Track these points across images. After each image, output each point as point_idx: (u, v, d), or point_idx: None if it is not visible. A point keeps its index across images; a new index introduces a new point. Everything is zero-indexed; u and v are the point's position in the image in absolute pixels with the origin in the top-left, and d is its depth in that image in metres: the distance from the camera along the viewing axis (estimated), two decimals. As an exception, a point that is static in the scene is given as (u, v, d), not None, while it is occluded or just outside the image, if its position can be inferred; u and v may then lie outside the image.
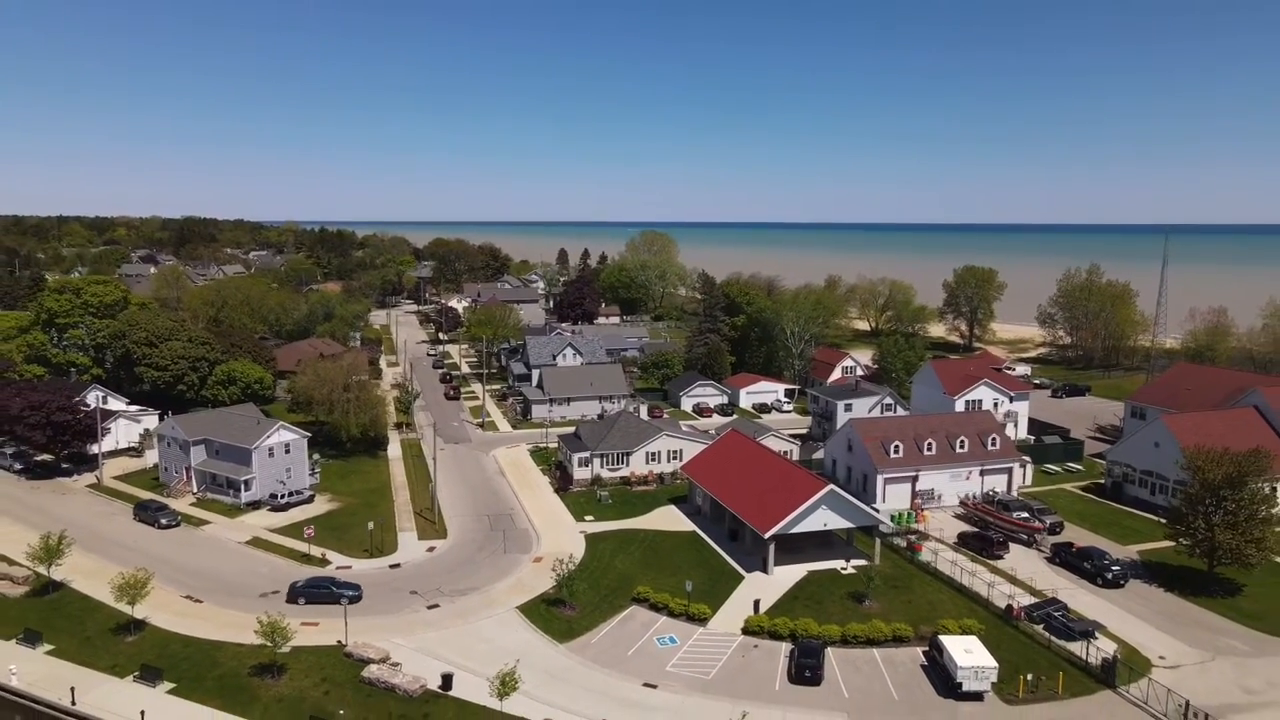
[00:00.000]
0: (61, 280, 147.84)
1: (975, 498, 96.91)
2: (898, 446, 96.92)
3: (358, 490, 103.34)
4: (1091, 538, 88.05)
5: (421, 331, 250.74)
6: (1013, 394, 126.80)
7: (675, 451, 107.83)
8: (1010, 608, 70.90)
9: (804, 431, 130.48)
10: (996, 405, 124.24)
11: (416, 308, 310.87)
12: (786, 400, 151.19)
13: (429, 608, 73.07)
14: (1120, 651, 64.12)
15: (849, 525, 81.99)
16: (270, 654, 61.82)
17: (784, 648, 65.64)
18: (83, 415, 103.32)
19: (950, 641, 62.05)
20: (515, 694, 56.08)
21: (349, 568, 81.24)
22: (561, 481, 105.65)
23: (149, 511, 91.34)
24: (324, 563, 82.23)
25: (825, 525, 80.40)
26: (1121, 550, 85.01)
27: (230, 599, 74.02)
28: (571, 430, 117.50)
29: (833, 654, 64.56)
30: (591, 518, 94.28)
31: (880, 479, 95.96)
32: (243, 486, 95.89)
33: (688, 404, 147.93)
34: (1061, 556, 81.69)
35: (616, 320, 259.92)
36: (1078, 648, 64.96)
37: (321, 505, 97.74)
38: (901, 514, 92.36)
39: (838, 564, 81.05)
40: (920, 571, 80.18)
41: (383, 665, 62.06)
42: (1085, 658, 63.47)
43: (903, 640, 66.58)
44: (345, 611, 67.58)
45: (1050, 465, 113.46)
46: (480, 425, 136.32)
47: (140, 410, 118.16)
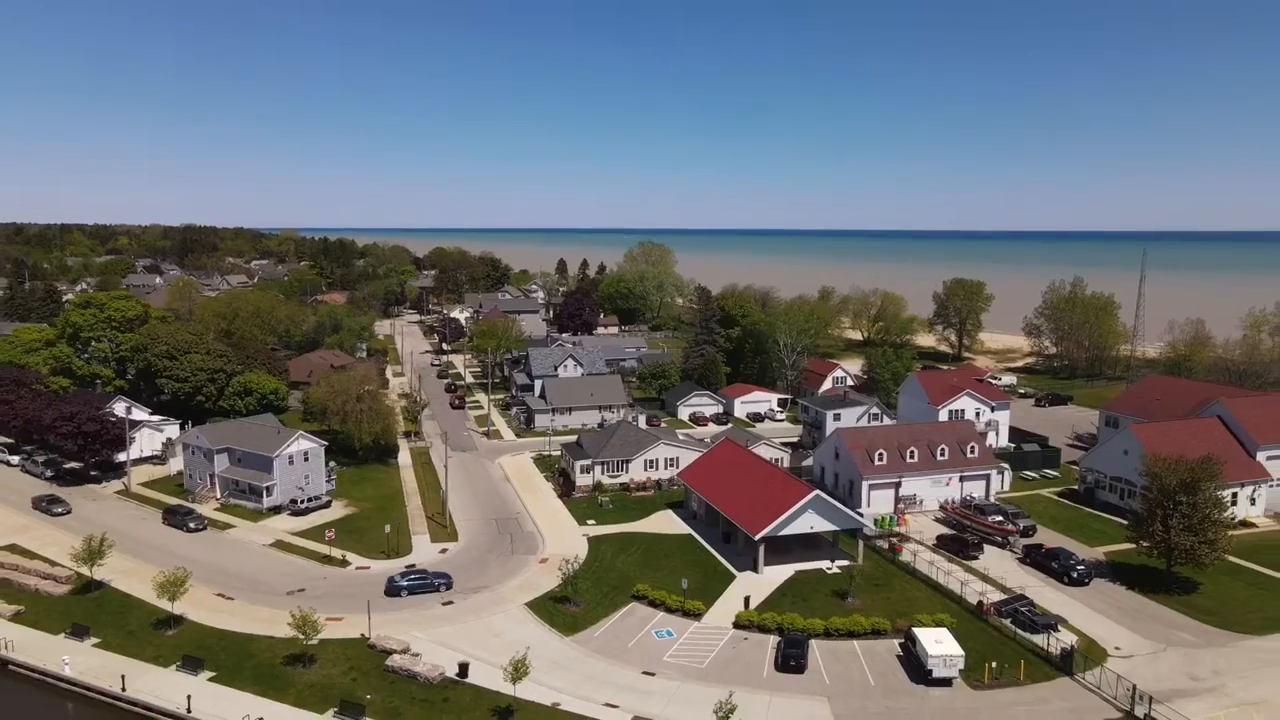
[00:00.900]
0: (85, 296, 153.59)
1: (954, 502, 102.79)
2: (882, 454, 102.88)
3: (372, 496, 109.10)
4: (1062, 540, 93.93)
5: (425, 341, 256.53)
6: (994, 404, 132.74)
7: (672, 459, 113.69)
8: (981, 604, 76.88)
9: (795, 440, 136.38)
10: (978, 415, 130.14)
11: (419, 317, 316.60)
12: (779, 410, 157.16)
13: (444, 604, 78.85)
14: (1079, 643, 70.19)
15: (834, 528, 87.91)
16: (301, 645, 67.67)
17: (771, 640, 71.46)
18: (111, 425, 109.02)
19: (923, 633, 67.96)
20: (526, 680, 61.83)
21: (368, 568, 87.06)
22: (564, 487, 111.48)
23: (177, 516, 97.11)
24: (344, 564, 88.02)
25: (811, 528, 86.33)
26: (1089, 551, 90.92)
27: (259, 596, 79.78)
28: (573, 439, 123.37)
29: (816, 645, 70.44)
30: (593, 521, 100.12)
31: (865, 485, 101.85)
32: (264, 492, 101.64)
33: (684, 413, 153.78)
34: (1032, 557, 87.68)
35: (615, 330, 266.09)
36: (1041, 639, 70.86)
37: (339, 510, 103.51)
38: (884, 517, 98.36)
39: (824, 564, 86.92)
40: (900, 571, 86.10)
41: (404, 655, 67.92)
42: (1047, 648, 69.42)
43: (881, 633, 72.46)
44: (368, 606, 73.44)
45: (1028, 472, 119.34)
46: (486, 434, 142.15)
47: (162, 420, 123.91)
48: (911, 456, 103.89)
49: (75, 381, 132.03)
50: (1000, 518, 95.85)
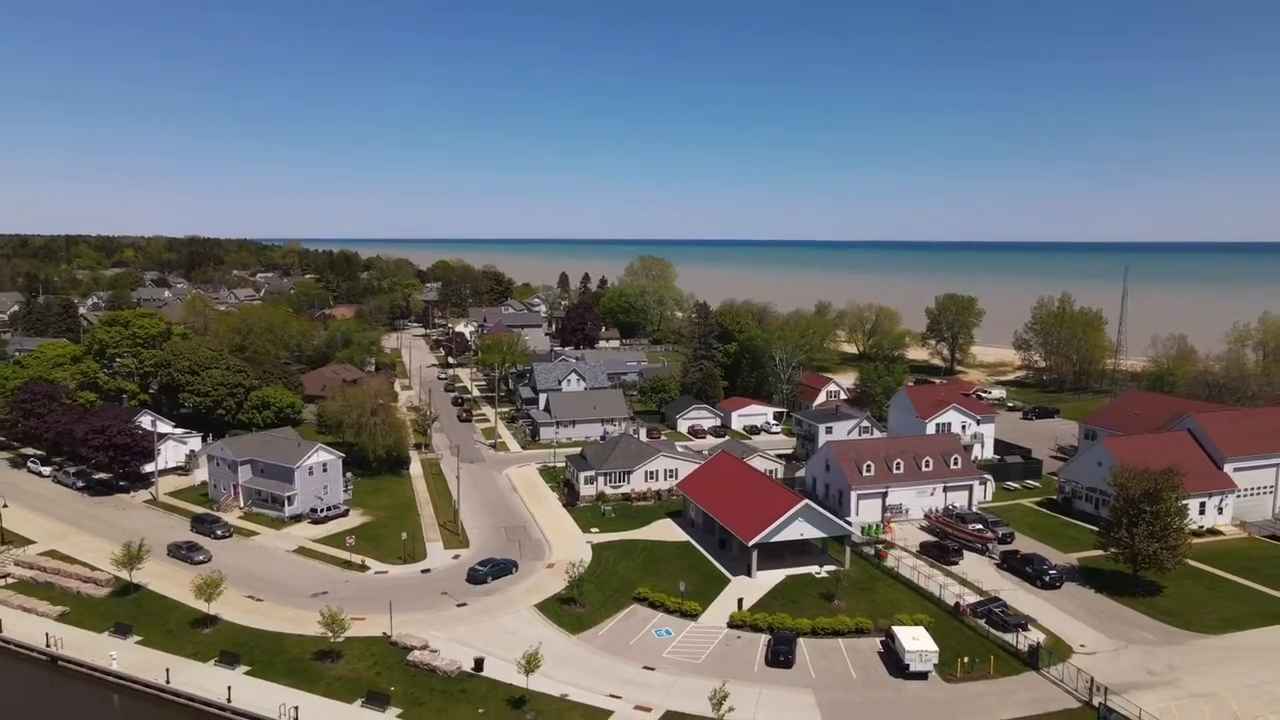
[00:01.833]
0: (111, 314, 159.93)
1: (937, 511, 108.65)
2: (869, 466, 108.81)
3: (386, 505, 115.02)
4: (1038, 546, 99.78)
5: (430, 355, 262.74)
6: (979, 417, 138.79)
7: (671, 470, 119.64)
8: (958, 605, 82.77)
9: (790, 452, 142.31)
10: (964, 428, 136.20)
11: (424, 331, 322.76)
12: (775, 422, 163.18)
13: (458, 605, 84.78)
14: (1047, 641, 76.07)
15: (823, 535, 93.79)
16: (328, 642, 73.58)
17: (763, 638, 77.32)
18: (140, 438, 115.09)
19: (901, 631, 73.85)
20: (536, 673, 67.70)
21: (386, 572, 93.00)
22: (569, 497, 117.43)
23: (205, 524, 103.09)
24: (364, 569, 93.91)
25: (801, 535, 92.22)
26: (1063, 557, 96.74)
27: (286, 598, 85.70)
28: (578, 451, 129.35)
29: (804, 643, 76.31)
30: (597, 529, 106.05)
31: (854, 495, 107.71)
32: (286, 502, 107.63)
33: (683, 426, 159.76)
34: (1008, 562, 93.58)
35: (616, 344, 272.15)
36: (1011, 637, 76.70)
37: (356, 518, 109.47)
38: (871, 525, 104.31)
39: (813, 569, 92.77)
40: (885, 575, 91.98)
41: (424, 651, 73.83)
42: (1016, 645, 75.25)
43: (863, 632, 78.32)
44: (390, 606, 79.38)
45: (1011, 482, 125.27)
46: (493, 446, 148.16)
47: (185, 433, 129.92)
48: (898, 468, 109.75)
49: (101, 396, 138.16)
50: (980, 526, 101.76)
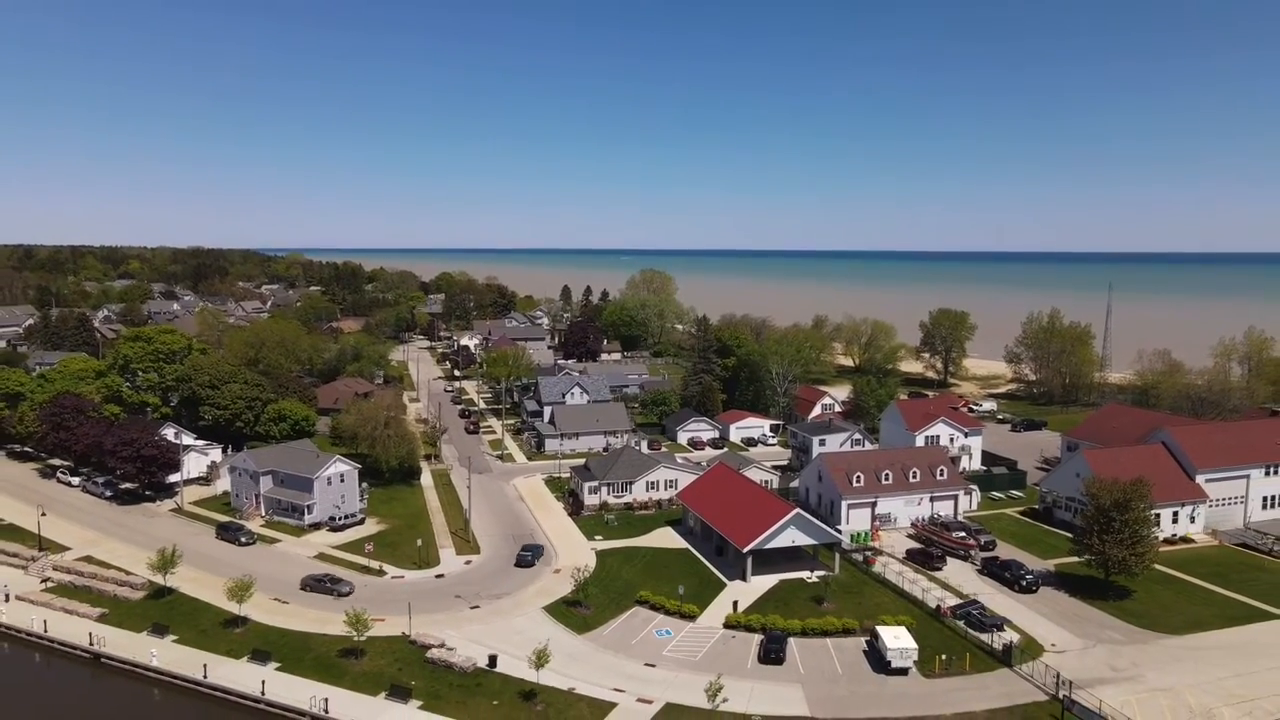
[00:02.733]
0: (134, 330, 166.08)
1: (924, 520, 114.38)
2: (859, 477, 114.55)
3: (400, 514, 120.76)
4: (1018, 553, 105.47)
5: (436, 368, 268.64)
6: (967, 430, 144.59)
7: (671, 481, 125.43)
8: (939, 607, 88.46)
9: (785, 463, 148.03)
10: (953, 440, 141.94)
11: (429, 343, 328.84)
12: (771, 435, 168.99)
13: (471, 608, 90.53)
14: (1020, 640, 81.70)
15: (814, 542, 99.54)
16: (352, 641, 79.33)
17: (756, 638, 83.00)
18: (167, 449, 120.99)
19: (884, 631, 79.57)
20: (545, 669, 73.40)
21: (402, 577, 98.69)
22: (574, 506, 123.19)
23: (230, 531, 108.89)
24: (381, 573, 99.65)
25: (793, 542, 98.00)
26: (1041, 563, 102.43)
27: (310, 600, 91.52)
28: (582, 462, 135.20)
29: (794, 642, 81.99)
30: (600, 537, 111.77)
31: (845, 504, 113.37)
32: (306, 510, 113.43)
33: (683, 438, 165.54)
34: (988, 568, 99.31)
35: (618, 356, 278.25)
36: (988, 637, 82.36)
37: (371, 526, 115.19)
38: (861, 533, 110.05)
39: (804, 574, 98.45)
40: (872, 580, 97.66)
41: (441, 649, 79.55)
42: (991, 644, 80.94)
43: (850, 632, 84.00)
44: (409, 608, 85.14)
45: (996, 492, 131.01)
46: (500, 457, 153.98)
47: (206, 444, 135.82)
48: (886, 479, 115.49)
49: (125, 409, 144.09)
50: (963, 533, 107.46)
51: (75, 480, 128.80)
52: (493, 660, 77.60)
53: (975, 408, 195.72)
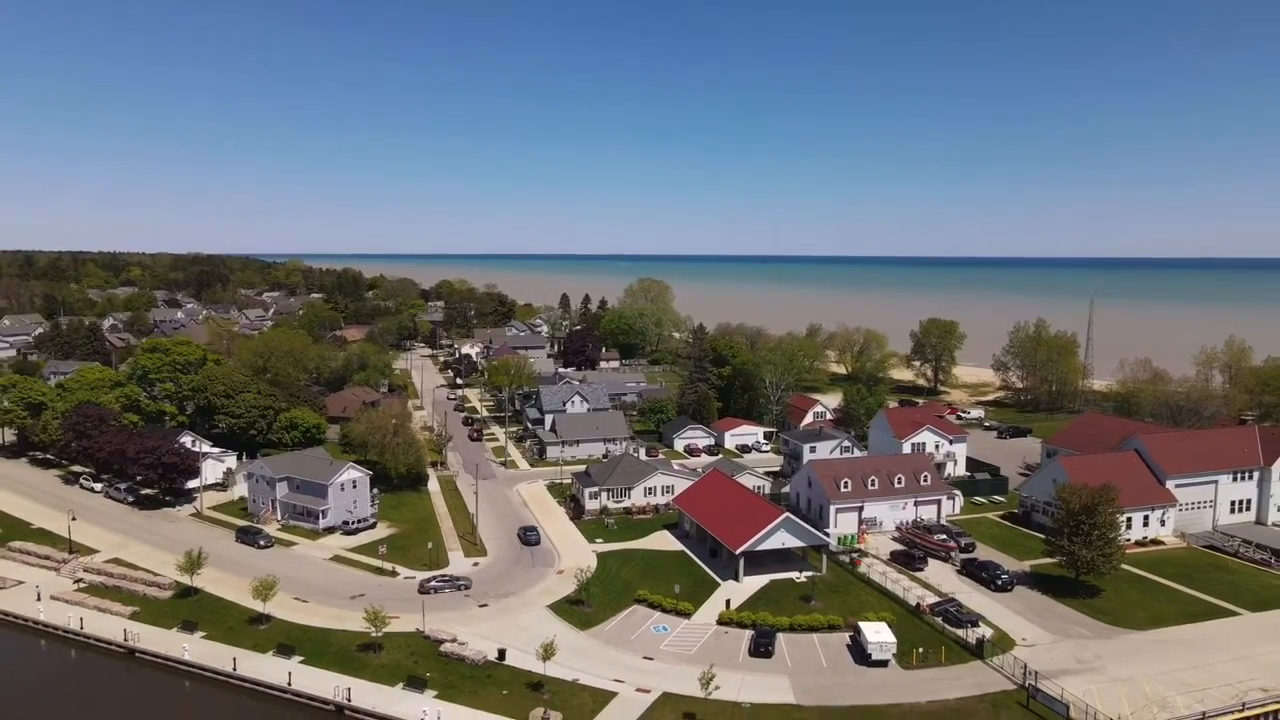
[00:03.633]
0: (152, 341, 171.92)
1: (908, 524, 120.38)
2: (846, 482, 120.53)
3: (409, 518, 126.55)
4: (997, 555, 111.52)
5: (439, 376, 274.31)
6: (952, 437, 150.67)
7: (668, 487, 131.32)
8: (919, 605, 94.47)
9: (778, 469, 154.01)
10: (938, 447, 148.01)
11: (431, 351, 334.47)
12: (765, 442, 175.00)
13: (480, 606, 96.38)
14: (993, 635, 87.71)
15: (803, 544, 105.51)
16: (370, 636, 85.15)
17: (747, 633, 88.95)
18: (187, 456, 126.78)
19: (866, 626, 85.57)
20: (551, 662, 79.24)
21: (414, 578, 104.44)
22: (575, 511, 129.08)
23: (249, 535, 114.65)
24: (394, 574, 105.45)
25: (783, 544, 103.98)
26: (1017, 564, 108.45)
27: (328, 599, 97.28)
28: (582, 469, 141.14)
29: (782, 637, 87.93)
30: (601, 540, 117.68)
31: (833, 508, 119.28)
32: (320, 515, 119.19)
33: (679, 445, 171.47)
34: (967, 568, 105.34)
35: (616, 364, 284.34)
36: (963, 632, 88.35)
37: (383, 530, 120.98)
38: (847, 536, 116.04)
39: (793, 574, 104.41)
40: (857, 580, 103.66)
41: (454, 644, 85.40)
42: (966, 639, 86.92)
43: (834, 628, 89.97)
44: (423, 606, 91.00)
45: (979, 497, 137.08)
46: (503, 464, 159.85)
47: (222, 452, 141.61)
48: (872, 484, 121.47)
49: (143, 417, 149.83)
50: (944, 536, 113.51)
51: (98, 486, 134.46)
52: (502, 654, 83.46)
53: (964, 415, 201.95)
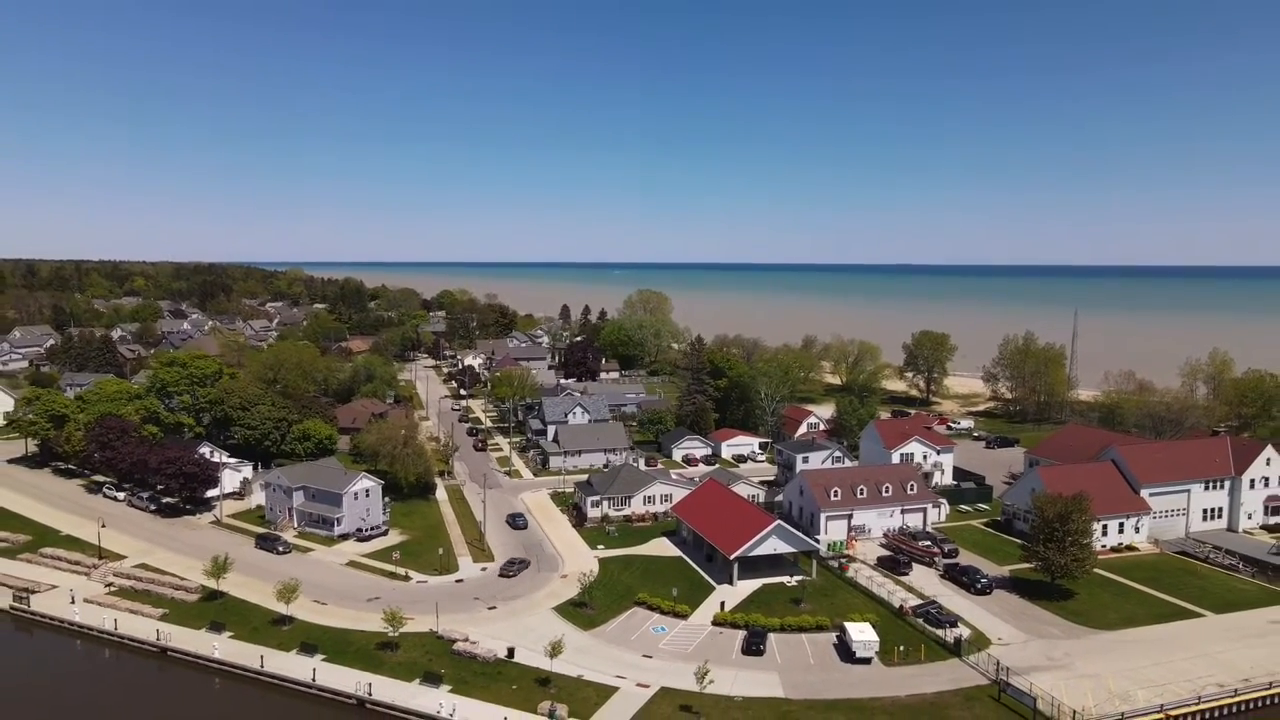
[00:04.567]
0: (169, 355, 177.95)
1: (895, 531, 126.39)
2: (836, 491, 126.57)
3: (419, 526, 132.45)
4: (978, 560, 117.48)
5: (443, 387, 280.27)
6: (939, 448, 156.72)
7: (667, 495, 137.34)
8: (901, 607, 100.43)
9: (772, 478, 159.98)
10: (925, 457, 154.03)
11: (434, 362, 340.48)
12: (760, 452, 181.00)
13: (489, 608, 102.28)
14: (971, 635, 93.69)
15: (794, 550, 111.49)
16: (387, 636, 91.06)
17: (740, 633, 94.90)
18: (207, 466, 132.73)
19: (851, 626, 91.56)
20: (557, 660, 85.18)
21: (425, 582, 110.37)
22: (578, 519, 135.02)
23: (268, 541, 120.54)
24: (406, 579, 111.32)
25: (775, 550, 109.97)
26: (997, 569, 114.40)
27: (345, 602, 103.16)
28: (584, 478, 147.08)
29: (773, 637, 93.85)
30: (602, 546, 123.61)
31: (823, 516, 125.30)
32: (335, 523, 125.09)
33: (678, 454, 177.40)
34: (949, 573, 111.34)
35: (616, 375, 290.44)
36: (943, 632, 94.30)
37: (394, 537, 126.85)
38: (837, 543, 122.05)
39: (785, 579, 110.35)
40: (845, 584, 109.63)
41: (466, 643, 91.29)
42: (945, 638, 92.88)
43: (822, 628, 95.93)
44: (436, 608, 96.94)
45: (964, 505, 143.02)
46: (508, 473, 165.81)
47: (239, 462, 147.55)
48: (861, 493, 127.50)
49: (161, 429, 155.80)
50: (929, 543, 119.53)
51: (120, 495, 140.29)
52: (511, 652, 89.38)
53: (954, 425, 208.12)
